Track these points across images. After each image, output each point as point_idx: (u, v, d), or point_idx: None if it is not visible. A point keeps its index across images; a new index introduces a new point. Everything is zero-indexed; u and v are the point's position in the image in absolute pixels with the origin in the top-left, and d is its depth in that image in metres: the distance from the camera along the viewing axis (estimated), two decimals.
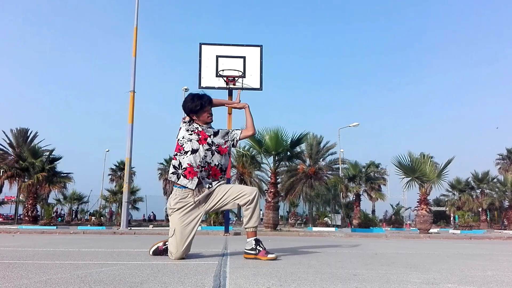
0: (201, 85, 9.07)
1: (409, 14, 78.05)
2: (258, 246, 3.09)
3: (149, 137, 68.20)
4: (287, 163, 17.16)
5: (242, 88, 8.86)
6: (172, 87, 77.14)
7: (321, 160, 28.49)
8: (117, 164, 35.89)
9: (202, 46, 9.29)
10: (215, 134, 3.29)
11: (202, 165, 3.13)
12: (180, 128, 3.29)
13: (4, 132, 23.98)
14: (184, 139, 3.19)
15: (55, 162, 20.67)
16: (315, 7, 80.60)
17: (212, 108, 3.33)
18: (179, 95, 23.37)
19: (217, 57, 9.14)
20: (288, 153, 14.02)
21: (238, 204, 3.15)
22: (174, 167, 3.16)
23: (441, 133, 67.92)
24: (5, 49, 71.40)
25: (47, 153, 20.38)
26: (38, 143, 22.02)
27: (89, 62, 77.78)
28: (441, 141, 60.84)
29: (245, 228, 3.18)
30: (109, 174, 37.74)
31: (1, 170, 19.98)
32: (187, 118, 3.30)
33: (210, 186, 3.17)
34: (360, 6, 79.30)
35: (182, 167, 3.12)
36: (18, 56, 74.06)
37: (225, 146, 3.29)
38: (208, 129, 3.28)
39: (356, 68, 78.13)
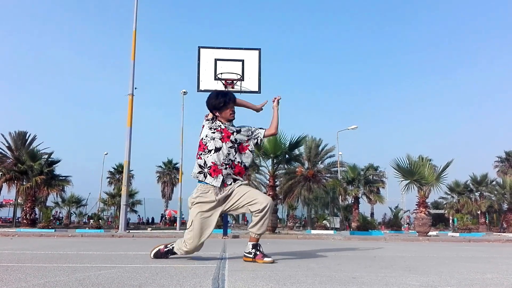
0: (200, 88, 9.07)
1: (409, 16, 78.37)
2: (255, 250, 3.12)
3: (147, 140, 68.13)
4: (285, 166, 17.13)
5: (240, 91, 8.87)
6: (171, 91, 77.20)
7: (319, 163, 28.45)
8: (116, 167, 35.81)
9: (201, 49, 9.30)
10: (238, 131, 3.32)
11: (226, 162, 3.18)
12: (203, 126, 3.32)
13: (2, 135, 23.90)
14: (207, 137, 3.23)
15: (54, 165, 20.61)
16: (314, 11, 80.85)
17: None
18: (177, 99, 23.36)
19: (216, 60, 9.15)
20: (287, 156, 14.02)
21: (249, 209, 3.17)
22: (200, 166, 3.20)
23: (439, 135, 68.09)
24: (4, 52, 71.41)
25: (46, 156, 20.33)
26: (37, 146, 21.93)
27: (88, 64, 77.80)
28: (440, 144, 60.93)
29: (249, 231, 3.21)
30: (107, 177, 37.63)
31: (0, 173, 19.91)
32: (210, 116, 3.32)
33: (233, 183, 3.20)
34: (360, 9, 79.59)
35: (207, 166, 3.17)
36: (17, 59, 74.04)
37: (247, 144, 3.34)
38: (231, 126, 3.31)
39: (355, 71, 78.34)
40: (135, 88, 12.50)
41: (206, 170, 3.17)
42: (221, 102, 3.25)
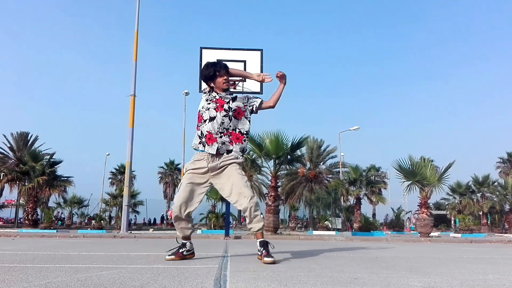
0: (202, 89, 9.09)
1: (412, 16, 78.27)
2: (262, 248, 3.15)
3: (149, 141, 68.21)
4: (287, 167, 17.14)
5: (242, 92, 8.88)
6: (173, 92, 77.30)
7: (321, 163, 28.45)
8: (118, 168, 35.89)
9: (203, 50, 9.30)
10: (234, 99, 3.38)
11: (220, 131, 3.24)
12: (201, 99, 3.42)
13: (4, 136, 24.02)
14: (203, 109, 3.32)
15: (56, 166, 20.67)
16: (317, 13, 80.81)
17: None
18: (179, 99, 23.42)
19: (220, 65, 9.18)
20: (289, 156, 14.01)
21: (235, 206, 3.25)
22: (199, 136, 3.30)
23: (441, 136, 67.92)
24: (6, 53, 71.62)
25: (48, 157, 20.38)
26: (39, 146, 22.01)
27: (90, 65, 77.97)
28: (442, 145, 60.79)
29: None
30: (109, 178, 37.76)
31: (2, 174, 19.96)
32: (208, 89, 3.42)
33: (227, 155, 3.25)
34: (364, 10, 79.54)
35: (203, 135, 3.25)
36: (19, 60, 74.22)
37: (243, 110, 3.38)
38: (226, 95, 3.37)
39: (357, 72, 78.28)
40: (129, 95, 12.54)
41: (203, 139, 3.25)
42: (211, 71, 3.35)
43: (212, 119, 3.25)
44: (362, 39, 78.52)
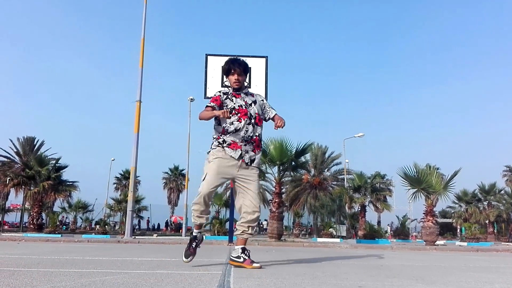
0: (207, 95, 9.11)
1: (414, 22, 78.30)
2: (244, 254, 3.19)
3: (154, 147, 68.43)
4: (291, 173, 17.07)
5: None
6: (178, 98, 77.67)
7: (326, 170, 28.34)
8: (122, 173, 35.96)
9: (208, 57, 9.37)
10: (254, 103, 3.40)
11: (245, 139, 3.28)
12: (223, 92, 3.40)
13: (11, 141, 24.18)
14: (227, 106, 3.29)
15: (61, 171, 20.75)
16: (319, 21, 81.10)
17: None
18: (185, 105, 23.54)
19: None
20: (293, 163, 13.98)
21: (241, 210, 3.29)
22: (220, 143, 3.29)
23: (447, 144, 67.52)
24: (11, 59, 72.49)
25: (53, 162, 20.49)
26: (45, 151, 22.10)
27: (96, 71, 78.68)
28: (448, 152, 60.42)
29: (239, 230, 3.30)
30: (114, 183, 37.82)
31: (8, 178, 20.09)
32: (223, 90, 3.42)
33: (252, 158, 3.31)
34: (366, 16, 79.74)
35: (227, 143, 3.27)
36: (25, 66, 75.04)
37: (262, 117, 3.43)
38: (246, 99, 3.37)
39: (362, 79, 78.26)
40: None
41: (225, 145, 3.28)
42: (227, 67, 3.38)
43: (236, 130, 3.26)
44: (367, 45, 78.63)
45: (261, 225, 30.80)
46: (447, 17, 75.09)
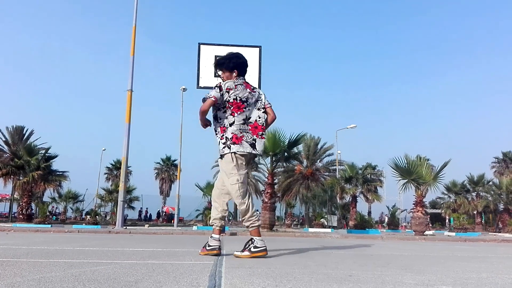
0: (199, 85, 9.04)
1: (408, 16, 78.35)
2: (247, 244, 3.24)
3: (146, 137, 68.03)
4: (284, 164, 17.13)
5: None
6: (170, 87, 77.07)
7: (318, 161, 28.43)
8: (114, 163, 35.76)
9: (201, 46, 9.26)
10: (254, 98, 3.49)
11: (243, 129, 3.34)
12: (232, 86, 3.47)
13: (0, 130, 23.83)
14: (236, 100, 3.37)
15: (51, 160, 20.52)
16: (314, 10, 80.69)
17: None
18: (177, 95, 23.36)
19: (216, 57, 9.12)
20: (286, 154, 14.01)
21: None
22: (224, 142, 3.35)
23: (437, 136, 68.19)
24: (2, 47, 71.06)
25: (43, 151, 20.24)
26: (34, 141, 21.82)
27: (87, 60, 77.55)
28: (438, 144, 61.05)
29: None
30: (105, 173, 37.63)
31: None
32: (225, 86, 3.43)
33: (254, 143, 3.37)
34: (361, 8, 79.49)
35: (229, 138, 3.31)
36: (15, 55, 73.68)
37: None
38: (245, 92, 3.45)
39: (355, 70, 78.35)
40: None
41: (228, 142, 3.31)
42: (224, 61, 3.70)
43: (231, 124, 3.34)
44: (360, 37, 78.57)
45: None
46: (440, 11, 75.23)
